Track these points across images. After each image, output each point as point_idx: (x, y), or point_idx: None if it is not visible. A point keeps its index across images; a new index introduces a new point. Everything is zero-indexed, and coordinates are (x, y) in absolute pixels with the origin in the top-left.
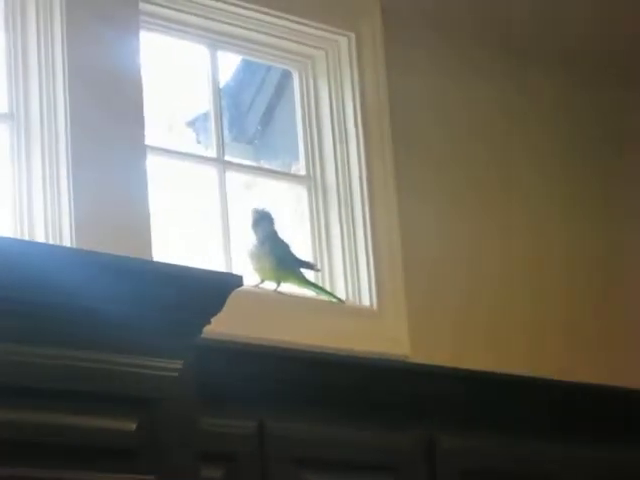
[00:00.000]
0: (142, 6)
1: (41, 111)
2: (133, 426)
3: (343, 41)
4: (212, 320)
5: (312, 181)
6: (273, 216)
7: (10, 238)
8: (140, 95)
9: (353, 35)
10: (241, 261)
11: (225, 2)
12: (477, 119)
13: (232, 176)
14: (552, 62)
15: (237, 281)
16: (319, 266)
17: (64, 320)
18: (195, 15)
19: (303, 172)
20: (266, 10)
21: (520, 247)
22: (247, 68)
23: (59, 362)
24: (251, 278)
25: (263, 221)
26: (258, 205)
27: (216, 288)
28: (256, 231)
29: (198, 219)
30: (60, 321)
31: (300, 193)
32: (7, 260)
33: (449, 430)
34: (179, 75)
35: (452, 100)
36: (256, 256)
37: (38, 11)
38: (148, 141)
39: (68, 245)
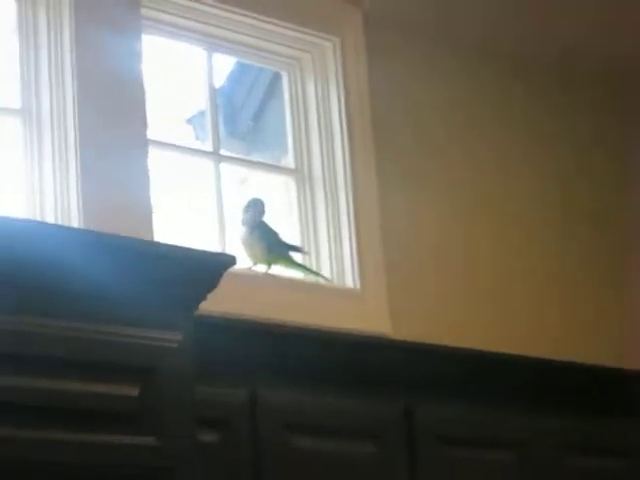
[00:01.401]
0: (144, 11)
1: (51, 107)
2: (135, 392)
3: (328, 45)
4: (209, 297)
5: (300, 173)
6: (264, 205)
7: (23, 219)
8: (142, 93)
9: (337, 40)
10: (235, 246)
11: (220, 9)
12: (452, 117)
13: (226, 168)
14: (527, 66)
15: (231, 260)
16: (306, 249)
17: (74, 295)
18: (193, 20)
19: (292, 165)
20: (258, 16)
21: (489, 231)
22: (241, 70)
23: (68, 334)
24: (244, 262)
25: (254, 210)
26: (250, 196)
27: (211, 266)
28: (248, 219)
29: (195, 207)
30: (70, 296)
31: (289, 184)
32: (23, 238)
33: (426, 401)
34: (178, 76)
35: (428, 100)
36: (248, 242)
37: (49, 15)
38: (150, 136)
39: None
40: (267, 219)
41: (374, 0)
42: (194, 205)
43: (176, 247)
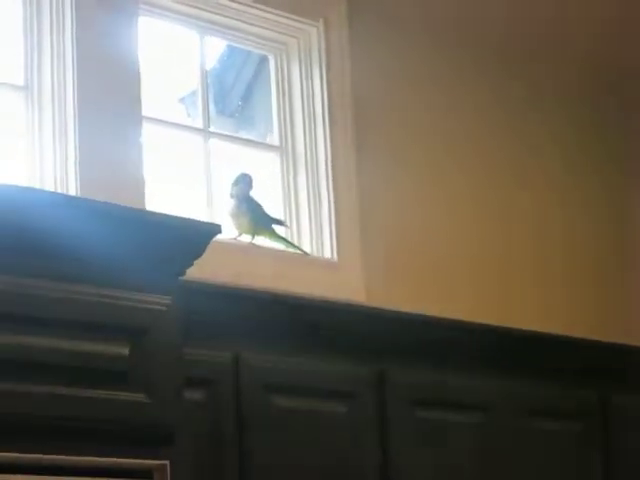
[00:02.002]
0: None
1: (52, 84)
2: (126, 351)
3: (313, 30)
4: (197, 264)
5: (284, 150)
6: (251, 180)
7: (25, 187)
8: (137, 72)
9: (321, 25)
10: (222, 218)
11: None
12: (433, 99)
13: (216, 144)
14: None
15: (216, 229)
16: (288, 223)
17: (70, 259)
18: (187, 5)
19: (277, 142)
20: (246, 2)
21: (468, 205)
22: (230, 53)
23: (65, 295)
24: (231, 232)
25: (242, 184)
26: (239, 171)
27: (198, 234)
28: (236, 193)
29: (186, 180)
30: (67, 260)
31: (274, 160)
32: (24, 205)
33: (398, 364)
34: (173, 57)
35: (409, 83)
36: (235, 214)
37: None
38: (145, 113)
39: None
40: (254, 193)
41: None
42: (185, 178)
43: (165, 215)
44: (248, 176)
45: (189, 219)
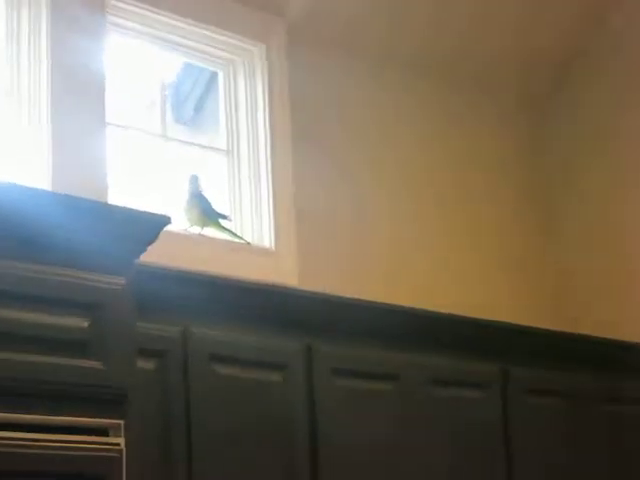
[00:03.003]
0: (110, 17)
1: (29, 90)
2: (86, 324)
3: (256, 50)
4: (153, 251)
5: (230, 154)
6: (199, 180)
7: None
8: (103, 82)
9: (264, 46)
10: (177, 212)
11: (170, 17)
12: (354, 107)
13: (172, 148)
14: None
15: (166, 219)
16: (232, 217)
17: (41, 244)
18: (148, 26)
19: (224, 147)
20: (199, 24)
21: (381, 205)
22: (186, 68)
23: (33, 274)
24: (182, 224)
25: (194, 183)
26: (190, 172)
27: (151, 223)
28: (188, 190)
29: (144, 179)
30: (38, 244)
31: (221, 162)
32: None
33: (323, 339)
34: (137, 70)
35: (337, 93)
36: (187, 208)
37: (30, 15)
38: (110, 119)
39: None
40: (204, 191)
41: (295, 13)
42: (145, 177)
43: (122, 207)
44: (196, 176)
45: (143, 211)
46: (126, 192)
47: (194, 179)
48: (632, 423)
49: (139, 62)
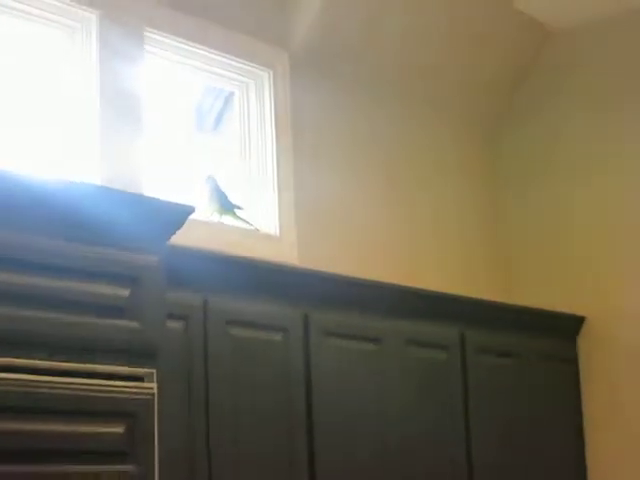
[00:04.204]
0: (147, 48)
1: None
2: (126, 293)
3: (265, 75)
4: (180, 235)
5: (244, 159)
6: (217, 178)
7: (65, 179)
8: (142, 101)
9: (271, 71)
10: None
11: (196, 47)
12: (346, 122)
13: (196, 151)
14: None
15: (191, 209)
16: (245, 207)
17: (92, 230)
18: (180, 55)
19: (238, 151)
20: (220, 53)
21: (375, 195)
22: (208, 88)
23: (81, 254)
24: (204, 213)
25: (212, 181)
26: (210, 173)
27: (179, 212)
28: (208, 185)
29: (174, 176)
30: (89, 230)
31: (237, 163)
32: (65, 195)
33: (319, 309)
34: (170, 90)
35: (334, 111)
36: (208, 200)
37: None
38: (147, 129)
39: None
40: (222, 186)
41: (297, 45)
42: (174, 174)
43: (156, 199)
44: (214, 176)
45: (172, 202)
46: (159, 187)
47: (212, 177)
48: (561, 378)
49: (171, 83)
